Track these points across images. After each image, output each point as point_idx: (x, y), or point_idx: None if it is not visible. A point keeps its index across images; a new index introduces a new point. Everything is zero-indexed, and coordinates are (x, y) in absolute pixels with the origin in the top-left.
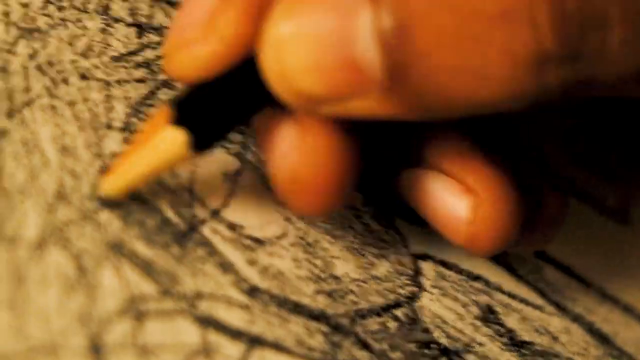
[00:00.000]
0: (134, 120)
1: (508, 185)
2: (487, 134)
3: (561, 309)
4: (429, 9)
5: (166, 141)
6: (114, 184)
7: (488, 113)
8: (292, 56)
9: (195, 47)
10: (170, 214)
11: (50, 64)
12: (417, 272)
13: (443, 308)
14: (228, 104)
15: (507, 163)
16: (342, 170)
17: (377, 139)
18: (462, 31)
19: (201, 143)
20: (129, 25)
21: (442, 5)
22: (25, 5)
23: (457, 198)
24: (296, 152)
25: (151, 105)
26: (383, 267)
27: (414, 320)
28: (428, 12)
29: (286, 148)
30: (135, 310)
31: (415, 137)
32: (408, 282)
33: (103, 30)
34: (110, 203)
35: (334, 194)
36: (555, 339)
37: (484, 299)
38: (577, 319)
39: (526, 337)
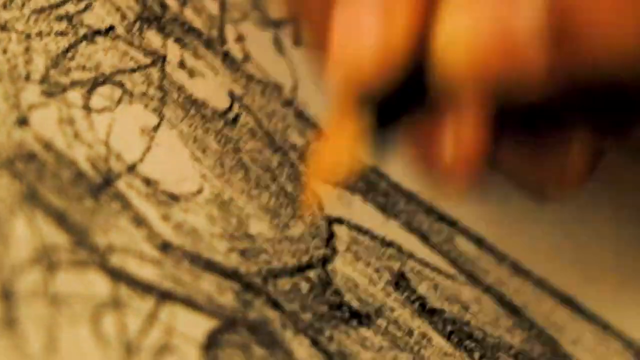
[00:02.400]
0: (53, 72)
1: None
2: None
3: (473, 279)
4: None
5: (356, 131)
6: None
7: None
8: (454, 38)
9: (370, 39)
10: (85, 166)
11: None
12: (331, 235)
13: (355, 272)
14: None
15: None
16: (487, 154)
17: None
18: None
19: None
20: None
21: None
22: None
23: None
24: (455, 144)
25: (72, 59)
26: (297, 229)
27: (326, 282)
28: None
29: (446, 141)
30: (47, 260)
31: None
32: (321, 244)
33: None
34: (26, 155)
35: (478, 174)
36: (465, 308)
37: (396, 265)
38: (488, 289)
39: (437, 304)
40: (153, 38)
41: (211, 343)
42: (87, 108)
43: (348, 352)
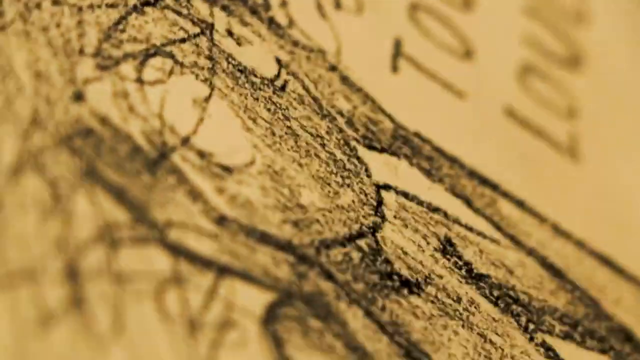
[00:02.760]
0: (105, 45)
1: None
2: None
3: (516, 242)
4: None
5: None
6: None
7: None
8: None
9: None
10: (141, 141)
11: None
12: (380, 203)
13: (404, 239)
14: None
15: None
16: None
17: None
18: None
19: None
20: None
21: None
22: None
23: None
24: None
25: (123, 31)
26: (347, 197)
27: (376, 251)
28: None
29: None
30: (109, 237)
31: None
32: (371, 212)
33: None
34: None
35: None
36: (510, 272)
37: (443, 230)
38: (531, 252)
39: (483, 270)
40: (200, 6)
41: (270, 317)
42: (139, 81)
43: (400, 322)
